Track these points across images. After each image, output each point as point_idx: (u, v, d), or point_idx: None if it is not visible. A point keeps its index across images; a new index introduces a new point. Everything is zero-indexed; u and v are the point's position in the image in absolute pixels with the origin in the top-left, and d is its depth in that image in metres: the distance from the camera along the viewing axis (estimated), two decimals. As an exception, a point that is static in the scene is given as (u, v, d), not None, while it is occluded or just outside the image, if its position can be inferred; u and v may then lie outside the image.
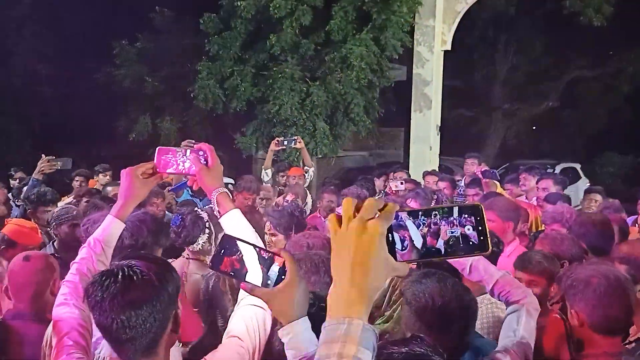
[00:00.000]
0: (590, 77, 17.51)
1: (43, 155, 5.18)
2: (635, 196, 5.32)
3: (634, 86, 16.28)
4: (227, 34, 10.99)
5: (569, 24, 14.41)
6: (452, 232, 0.91)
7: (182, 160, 1.81)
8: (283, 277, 1.23)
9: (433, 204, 5.08)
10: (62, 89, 15.19)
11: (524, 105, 18.62)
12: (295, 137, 6.24)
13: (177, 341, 1.75)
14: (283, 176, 6.36)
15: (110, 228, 1.85)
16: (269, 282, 1.24)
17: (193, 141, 5.31)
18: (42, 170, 5.05)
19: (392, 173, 6.43)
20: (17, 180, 6.98)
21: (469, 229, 0.91)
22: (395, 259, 0.93)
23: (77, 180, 6.57)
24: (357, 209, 0.93)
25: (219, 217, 1.77)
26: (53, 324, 1.70)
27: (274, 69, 10.62)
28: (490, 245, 0.91)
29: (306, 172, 6.13)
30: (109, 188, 5.23)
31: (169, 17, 13.62)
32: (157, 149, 1.86)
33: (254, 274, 1.24)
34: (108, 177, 6.74)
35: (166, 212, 4.62)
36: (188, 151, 1.81)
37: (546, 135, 19.27)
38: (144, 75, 13.16)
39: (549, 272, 2.55)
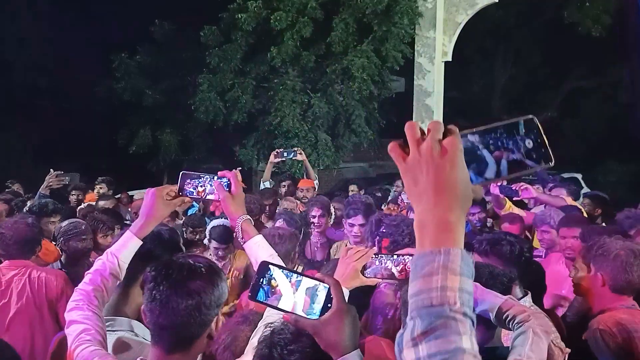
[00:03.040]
0: (588, 87, 17.57)
1: (51, 169, 5.12)
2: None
3: (632, 95, 16.31)
4: (227, 47, 11.01)
5: (567, 35, 14.50)
6: (515, 149, 0.88)
7: (206, 186, 1.87)
8: (329, 305, 1.15)
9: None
10: (62, 103, 15.17)
11: (522, 116, 18.64)
12: (296, 149, 6.10)
13: None
14: (284, 187, 6.29)
15: (127, 245, 1.86)
16: (314, 311, 1.16)
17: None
18: (50, 185, 5.01)
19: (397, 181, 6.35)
20: (12, 193, 6.80)
21: (529, 144, 0.88)
22: None
23: (73, 194, 6.46)
24: (422, 133, 0.87)
25: (243, 243, 1.83)
26: (67, 325, 1.72)
27: (275, 80, 10.63)
28: (552, 157, 0.88)
29: None
30: (101, 202, 5.18)
31: (168, 30, 13.65)
32: (181, 173, 1.90)
33: (297, 304, 1.17)
34: (103, 189, 6.59)
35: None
36: (213, 177, 1.87)
37: (546, 145, 19.24)
38: (144, 88, 13.15)
39: None
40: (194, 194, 1.89)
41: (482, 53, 17.50)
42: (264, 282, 1.20)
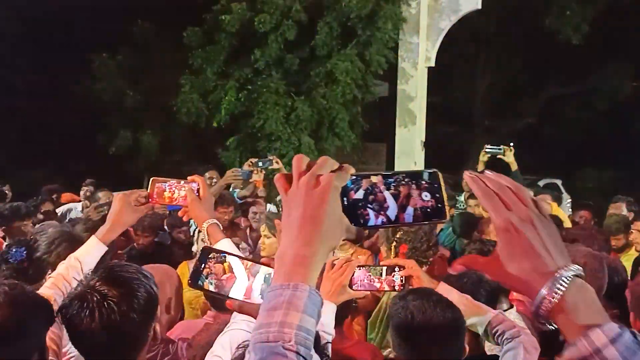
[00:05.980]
0: (567, 94, 17.84)
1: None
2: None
3: (610, 103, 16.61)
4: (210, 48, 10.92)
5: (546, 42, 14.72)
6: (411, 199, 0.86)
7: (175, 191, 1.89)
8: None
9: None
10: (39, 103, 14.88)
11: (503, 122, 18.86)
12: (271, 157, 5.85)
13: None
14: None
15: (92, 250, 1.86)
16: (259, 295, 1.13)
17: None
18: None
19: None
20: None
21: (426, 196, 0.85)
22: (360, 224, 0.85)
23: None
24: (310, 167, 0.86)
25: None
26: None
27: (259, 83, 10.57)
28: (448, 213, 0.86)
29: None
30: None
31: (150, 30, 13.50)
32: (151, 179, 1.93)
33: (240, 289, 1.14)
34: (90, 191, 6.58)
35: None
36: (182, 182, 1.88)
37: (526, 151, 19.42)
38: (124, 88, 12.99)
39: None
40: (164, 199, 1.89)
41: (464, 59, 17.66)
42: (203, 268, 1.18)
